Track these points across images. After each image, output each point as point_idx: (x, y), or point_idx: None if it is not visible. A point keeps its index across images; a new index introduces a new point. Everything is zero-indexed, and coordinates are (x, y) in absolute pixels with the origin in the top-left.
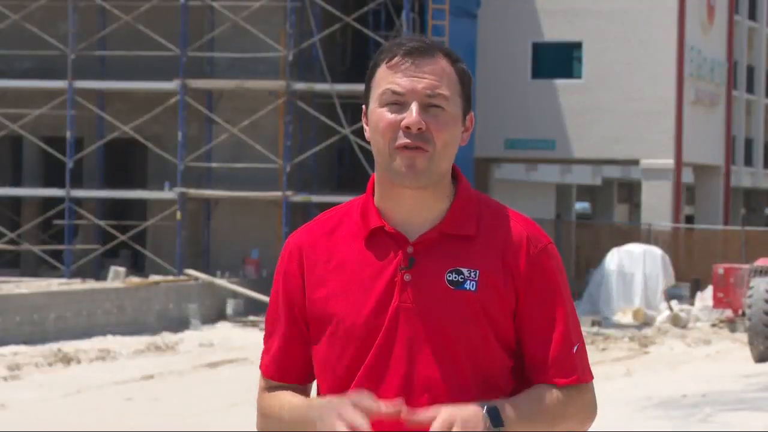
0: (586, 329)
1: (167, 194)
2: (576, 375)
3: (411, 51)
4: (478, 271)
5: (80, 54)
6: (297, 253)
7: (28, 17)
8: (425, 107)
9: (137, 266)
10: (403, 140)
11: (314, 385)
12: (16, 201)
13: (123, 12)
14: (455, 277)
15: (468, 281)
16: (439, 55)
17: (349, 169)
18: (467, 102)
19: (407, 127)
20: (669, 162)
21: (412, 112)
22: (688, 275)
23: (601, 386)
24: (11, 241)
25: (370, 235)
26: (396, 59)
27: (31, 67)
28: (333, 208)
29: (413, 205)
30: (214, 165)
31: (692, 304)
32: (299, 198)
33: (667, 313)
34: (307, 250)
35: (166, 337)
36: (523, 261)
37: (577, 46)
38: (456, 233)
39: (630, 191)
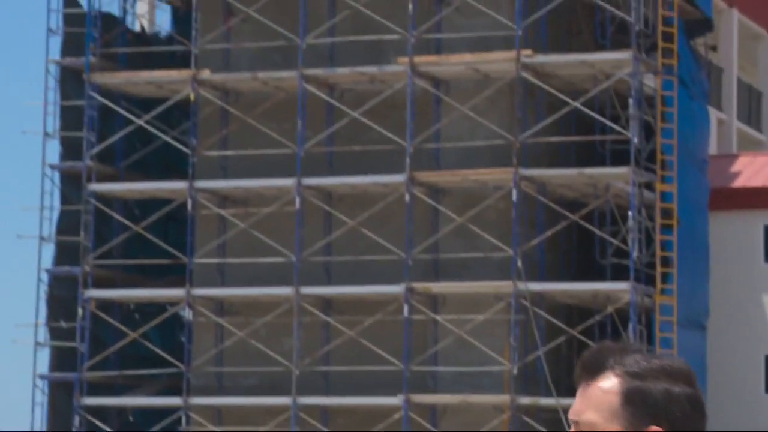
0: None
1: None
2: None
3: (582, 367)
4: None
5: (304, 369)
6: None
7: (253, 334)
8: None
9: None
10: None
11: None
12: None
13: (347, 327)
14: None
15: None
16: (608, 373)
17: None
18: (640, 419)
19: None
20: None
21: None
22: None
23: None
24: None
25: None
26: (576, 373)
27: (256, 383)
28: None
29: None
30: None
31: None
32: None
33: None
34: None
35: None
36: None
37: None
38: None
39: None
